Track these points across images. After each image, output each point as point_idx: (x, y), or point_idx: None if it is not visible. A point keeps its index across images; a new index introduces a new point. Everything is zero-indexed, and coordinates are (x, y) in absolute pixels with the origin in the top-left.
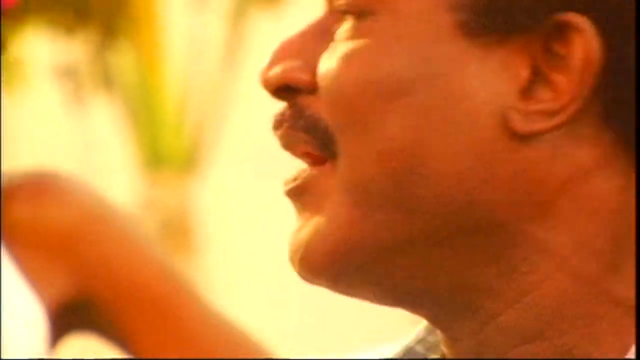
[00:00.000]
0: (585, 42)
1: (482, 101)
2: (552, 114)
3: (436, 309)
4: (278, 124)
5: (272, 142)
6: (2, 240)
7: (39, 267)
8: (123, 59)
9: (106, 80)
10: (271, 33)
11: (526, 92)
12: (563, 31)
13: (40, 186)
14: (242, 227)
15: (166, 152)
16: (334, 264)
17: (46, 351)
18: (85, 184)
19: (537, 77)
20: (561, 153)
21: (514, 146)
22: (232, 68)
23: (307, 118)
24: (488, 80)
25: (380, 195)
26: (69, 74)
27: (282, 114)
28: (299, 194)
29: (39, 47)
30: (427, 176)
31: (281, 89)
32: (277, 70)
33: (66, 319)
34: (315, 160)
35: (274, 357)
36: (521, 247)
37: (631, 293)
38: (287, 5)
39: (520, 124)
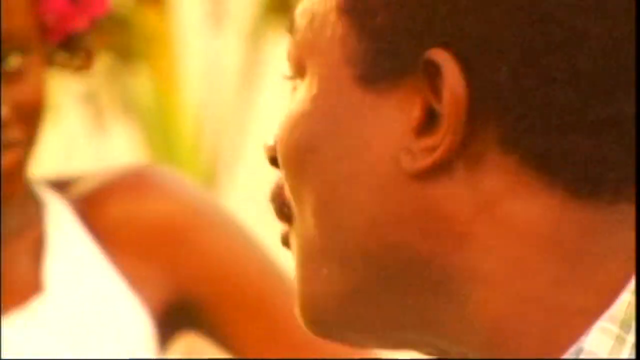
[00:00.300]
0: (448, 76)
1: (379, 147)
2: (433, 149)
3: (421, 342)
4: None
5: None
6: (100, 242)
7: (139, 267)
8: (140, 83)
9: (124, 103)
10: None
11: (419, 131)
12: (436, 67)
13: (139, 181)
14: None
15: (184, 174)
16: (308, 317)
17: (157, 351)
18: (184, 178)
19: (432, 115)
20: (466, 184)
21: (414, 186)
22: (250, 90)
23: (280, 186)
24: (384, 125)
25: (319, 252)
26: (88, 98)
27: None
28: (286, 247)
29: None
30: (345, 228)
31: (273, 160)
32: (270, 141)
33: (172, 318)
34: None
35: (373, 355)
36: (453, 279)
37: (591, 302)
38: None
39: (408, 164)
